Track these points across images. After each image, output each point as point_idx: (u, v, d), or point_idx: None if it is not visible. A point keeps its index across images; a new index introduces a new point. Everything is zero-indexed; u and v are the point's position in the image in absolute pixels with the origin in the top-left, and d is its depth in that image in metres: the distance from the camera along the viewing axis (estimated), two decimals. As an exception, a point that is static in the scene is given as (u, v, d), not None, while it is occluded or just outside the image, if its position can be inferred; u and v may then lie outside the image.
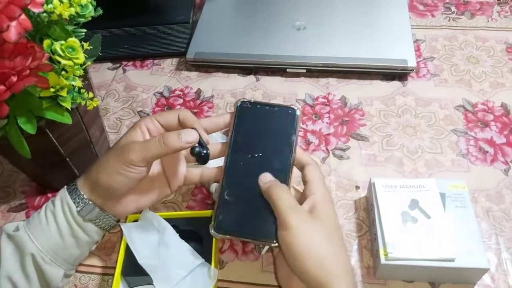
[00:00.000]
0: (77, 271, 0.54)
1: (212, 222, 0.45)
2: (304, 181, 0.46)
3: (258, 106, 0.49)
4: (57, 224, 0.46)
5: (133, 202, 0.49)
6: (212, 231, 0.45)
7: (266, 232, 0.43)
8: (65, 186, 0.48)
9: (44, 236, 0.45)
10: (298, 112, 0.48)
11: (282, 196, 0.42)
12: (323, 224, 0.41)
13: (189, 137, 0.45)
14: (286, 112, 0.48)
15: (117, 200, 0.48)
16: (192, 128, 0.47)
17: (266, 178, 0.45)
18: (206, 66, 0.79)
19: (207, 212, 0.56)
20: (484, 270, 0.48)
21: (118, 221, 0.51)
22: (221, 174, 0.47)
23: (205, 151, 0.47)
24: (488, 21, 0.83)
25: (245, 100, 0.49)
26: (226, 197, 0.46)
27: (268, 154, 0.47)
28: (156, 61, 0.83)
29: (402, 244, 0.48)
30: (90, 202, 0.46)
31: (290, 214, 0.41)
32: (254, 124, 0.48)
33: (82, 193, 0.46)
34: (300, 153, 0.48)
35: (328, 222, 0.42)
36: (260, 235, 0.44)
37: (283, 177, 0.45)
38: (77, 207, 0.46)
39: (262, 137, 0.48)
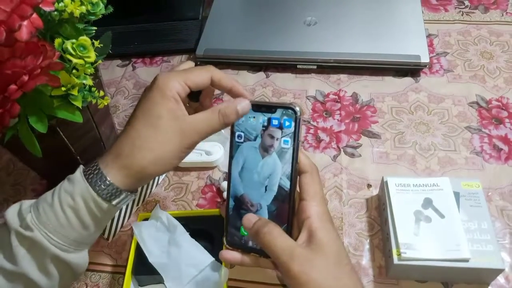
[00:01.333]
0: (87, 270, 0.54)
1: (224, 235, 0.45)
2: (299, 193, 0.43)
3: (255, 108, 0.43)
4: (80, 221, 0.41)
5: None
6: (225, 244, 0.45)
7: None
8: (82, 177, 0.41)
9: (65, 232, 0.41)
10: (298, 112, 0.42)
11: (275, 243, 0.39)
12: (326, 254, 0.39)
13: (246, 108, 0.43)
14: (285, 112, 0.42)
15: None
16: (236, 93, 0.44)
17: (249, 223, 0.42)
18: (216, 62, 0.78)
19: (218, 211, 0.56)
20: (499, 271, 0.47)
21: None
22: (227, 186, 0.45)
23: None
24: (502, 15, 0.81)
25: None
26: (233, 210, 0.45)
27: (269, 163, 0.43)
28: (165, 58, 0.82)
29: (415, 244, 0.47)
30: (129, 194, 0.42)
31: (289, 262, 0.38)
32: (253, 129, 0.44)
33: (118, 186, 0.41)
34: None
35: (330, 249, 0.39)
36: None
37: (286, 189, 0.42)
38: (113, 201, 0.41)
39: (262, 144, 0.43)
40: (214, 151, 0.63)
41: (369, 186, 0.60)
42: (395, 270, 0.49)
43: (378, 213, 0.57)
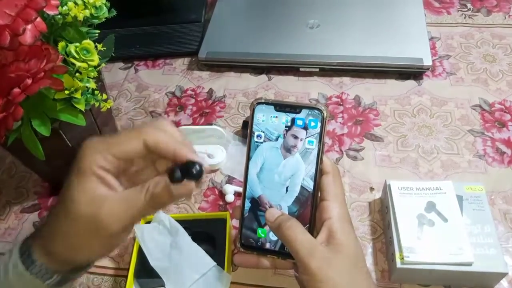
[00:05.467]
0: (89, 273, 0.54)
1: (239, 237, 0.44)
2: (320, 194, 0.42)
3: (278, 108, 0.42)
4: None
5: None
6: (238, 246, 0.44)
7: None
8: (18, 253, 0.36)
9: None
10: (325, 114, 0.41)
11: (297, 238, 0.39)
12: (345, 255, 0.38)
13: (182, 190, 0.33)
14: (310, 114, 0.41)
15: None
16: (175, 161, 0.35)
17: (272, 216, 0.41)
18: (218, 65, 0.79)
19: (220, 214, 0.56)
20: (502, 275, 0.47)
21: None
22: (243, 187, 0.44)
23: (198, 168, 0.34)
24: (505, 18, 0.81)
25: (262, 101, 0.42)
26: (249, 212, 0.44)
27: (292, 164, 0.42)
28: (168, 61, 0.82)
29: (418, 248, 0.47)
30: (55, 276, 0.37)
31: (309, 258, 0.37)
32: (275, 129, 0.42)
33: (48, 270, 0.36)
34: None
35: (349, 250, 0.39)
36: (283, 252, 0.42)
37: (309, 189, 0.42)
38: (44, 281, 0.36)
39: (284, 144, 0.42)
40: (216, 154, 0.63)
41: (371, 189, 0.60)
42: (398, 274, 0.49)
43: (381, 216, 0.57)
